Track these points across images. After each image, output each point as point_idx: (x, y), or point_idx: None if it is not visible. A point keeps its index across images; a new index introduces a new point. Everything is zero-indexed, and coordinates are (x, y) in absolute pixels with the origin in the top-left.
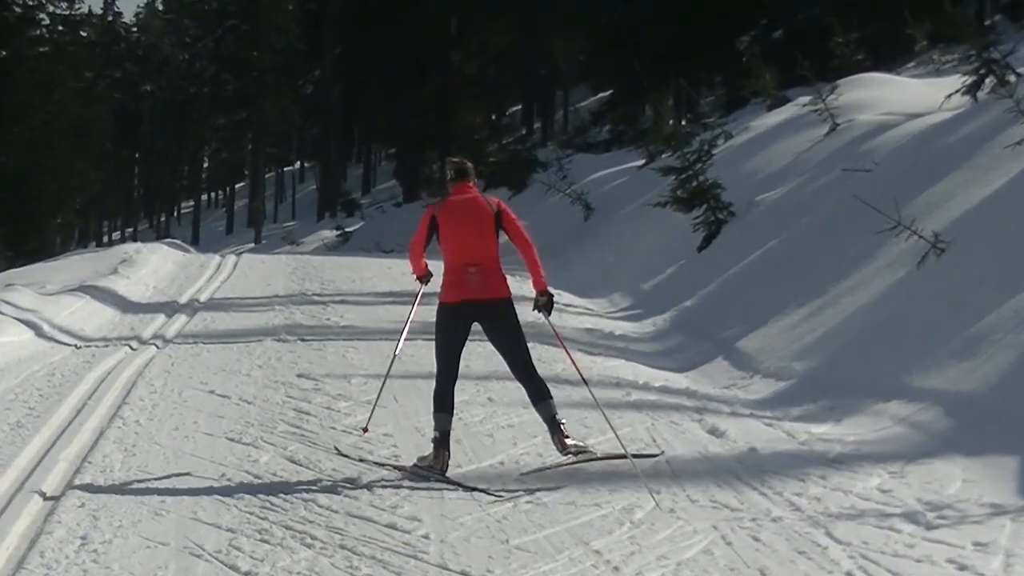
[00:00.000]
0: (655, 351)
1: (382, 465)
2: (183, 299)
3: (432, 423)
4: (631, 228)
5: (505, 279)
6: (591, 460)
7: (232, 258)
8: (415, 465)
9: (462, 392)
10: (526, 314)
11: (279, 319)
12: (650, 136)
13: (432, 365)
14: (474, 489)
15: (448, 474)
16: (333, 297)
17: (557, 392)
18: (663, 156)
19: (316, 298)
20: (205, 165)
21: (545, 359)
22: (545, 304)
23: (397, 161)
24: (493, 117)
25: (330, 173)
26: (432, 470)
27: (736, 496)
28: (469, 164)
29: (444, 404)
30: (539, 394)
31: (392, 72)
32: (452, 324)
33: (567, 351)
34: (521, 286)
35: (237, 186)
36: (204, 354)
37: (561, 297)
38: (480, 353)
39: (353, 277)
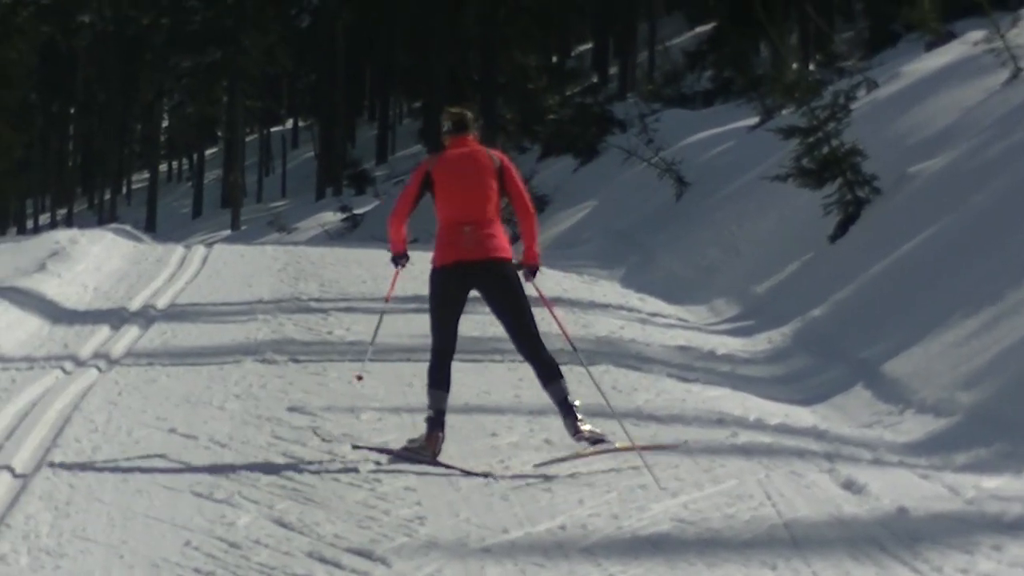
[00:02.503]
0: (771, 377)
1: (360, 448)
2: (134, 305)
3: (426, 401)
4: (739, 210)
5: (506, 239)
6: (606, 451)
7: (201, 250)
8: (405, 448)
9: (511, 432)
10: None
11: (264, 332)
12: (767, 85)
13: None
14: (473, 474)
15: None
16: (336, 303)
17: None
18: (783, 112)
19: (314, 304)
20: (164, 124)
21: (623, 387)
22: (527, 274)
23: (423, 118)
24: (554, 59)
25: (333, 135)
26: (423, 453)
27: (880, 573)
28: (470, 115)
29: (439, 380)
30: (548, 373)
31: None
32: (445, 289)
33: (552, 312)
34: (561, 283)
35: (207, 153)
36: (163, 379)
37: (644, 303)
38: (534, 379)
39: (364, 276)
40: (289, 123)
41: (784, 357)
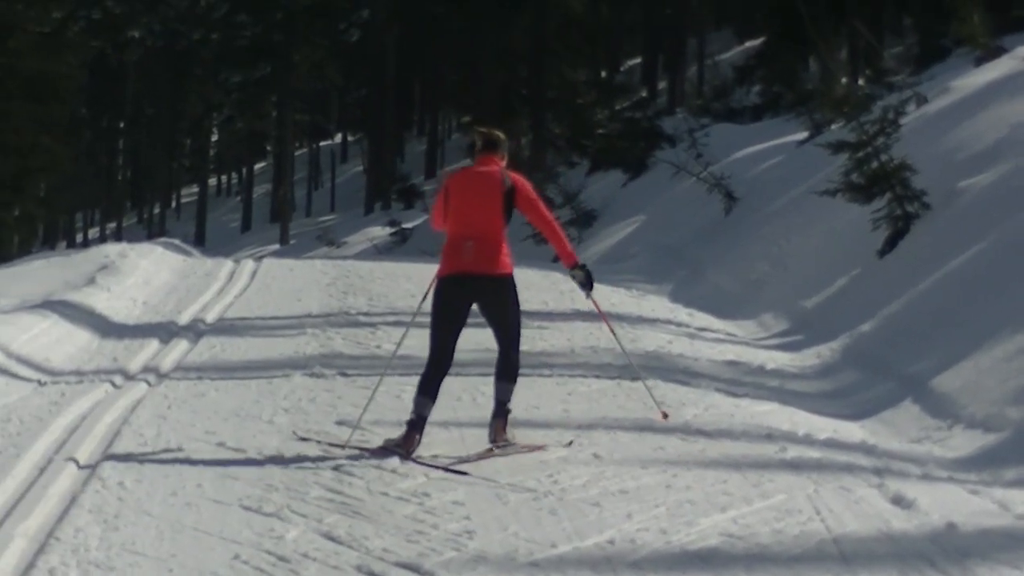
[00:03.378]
0: (820, 392)
1: (345, 446)
2: (183, 319)
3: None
4: (788, 225)
5: (507, 257)
6: (506, 453)
7: (250, 264)
8: (382, 446)
9: (559, 446)
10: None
11: (312, 347)
12: (816, 100)
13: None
14: (449, 470)
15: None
16: (385, 317)
17: None
18: (833, 127)
19: (363, 319)
20: (213, 139)
21: (671, 401)
22: (583, 280)
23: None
24: (603, 74)
25: (382, 150)
26: (397, 450)
27: None
28: (501, 136)
29: (427, 389)
30: (504, 372)
31: (468, 8)
32: (445, 299)
33: (607, 322)
34: (609, 297)
35: (257, 167)
36: (211, 394)
37: (692, 318)
38: (583, 393)
39: (412, 290)
40: (338, 138)
41: (833, 372)
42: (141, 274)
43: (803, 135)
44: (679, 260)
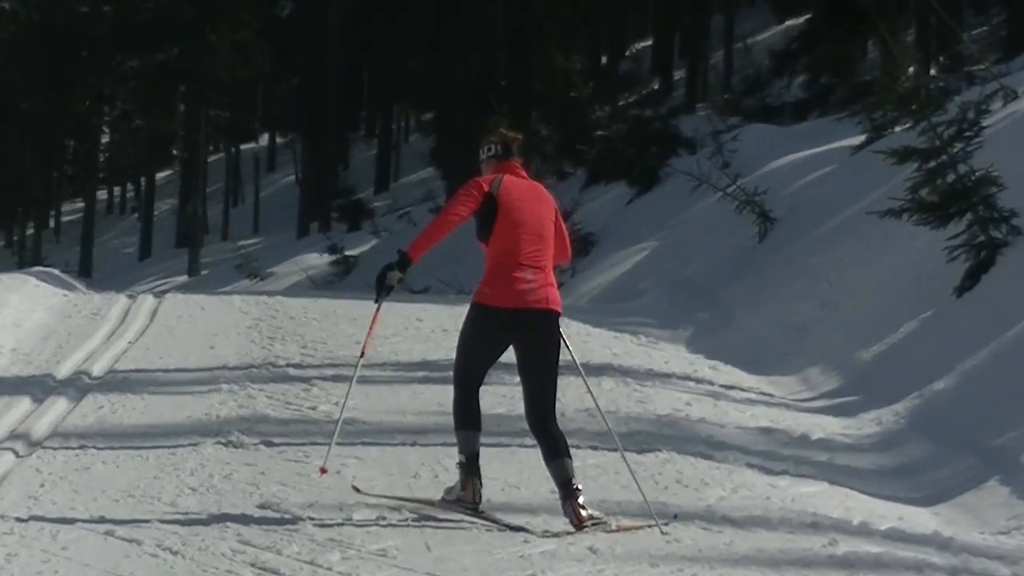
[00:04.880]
0: (881, 468)
1: (404, 500)
2: (63, 371)
3: (456, 446)
4: (840, 255)
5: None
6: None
7: (149, 301)
8: (443, 499)
9: (546, 537)
10: None
11: (229, 407)
12: (875, 95)
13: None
14: (518, 528)
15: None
16: (323, 371)
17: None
18: (896, 130)
19: (294, 372)
20: (104, 141)
21: (689, 480)
22: None
23: (436, 134)
24: (604, 59)
25: (320, 155)
26: (463, 503)
27: None
28: (521, 139)
29: (467, 419)
30: (555, 448)
31: None
32: (489, 331)
33: (581, 371)
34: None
35: (159, 177)
36: (98, 467)
37: (717, 372)
38: (576, 469)
39: (358, 336)
40: (264, 139)
41: (897, 443)
42: (9, 313)
43: (859, 140)
44: (700, 299)
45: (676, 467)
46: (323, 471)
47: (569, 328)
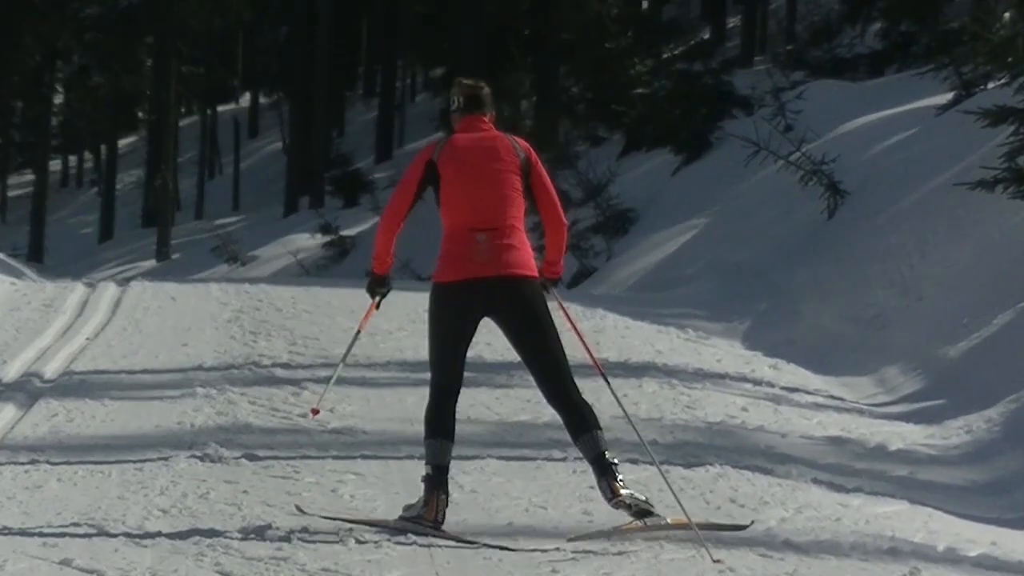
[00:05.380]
0: (971, 484)
1: (354, 522)
2: (10, 373)
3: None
4: (922, 233)
5: (530, 253)
6: (655, 528)
7: (111, 290)
8: (401, 518)
9: (576, 567)
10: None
11: (205, 415)
12: (965, 46)
13: None
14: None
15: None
16: (314, 371)
17: None
18: (990, 86)
19: (280, 372)
20: (57, 102)
21: (746, 499)
22: (549, 282)
23: (447, 94)
24: (645, 3)
25: (311, 119)
26: (423, 522)
27: None
28: (487, 89)
29: (439, 426)
30: (581, 421)
31: None
32: (451, 311)
33: (581, 336)
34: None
35: (122, 145)
36: (51, 486)
37: (778, 372)
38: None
39: (353, 328)
40: (245, 100)
41: (990, 455)
42: None
43: (945, 98)
44: (758, 286)
45: (730, 483)
46: (315, 412)
47: (605, 321)
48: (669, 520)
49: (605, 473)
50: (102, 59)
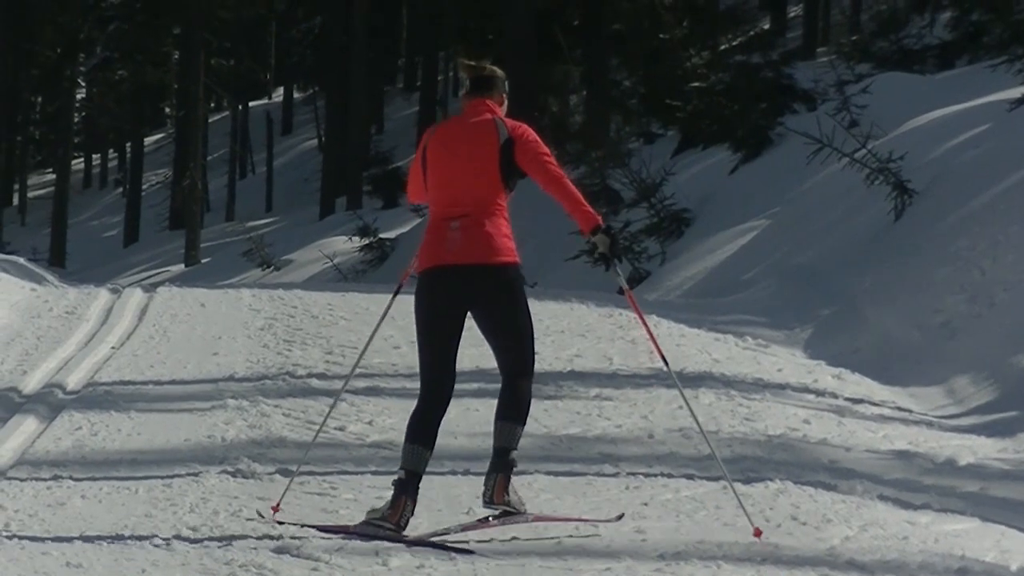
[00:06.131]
0: None
1: (324, 528)
2: (31, 384)
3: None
4: (996, 235)
5: (509, 240)
6: (518, 523)
7: (137, 296)
8: (364, 521)
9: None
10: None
11: (237, 428)
12: None
13: None
14: (448, 548)
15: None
16: (352, 382)
17: None
18: None
19: (316, 383)
20: (79, 97)
21: (808, 516)
22: (609, 247)
23: None
24: None
25: (348, 114)
26: (383, 525)
27: None
28: (498, 72)
29: (419, 432)
30: (513, 410)
31: None
32: (429, 302)
33: (646, 326)
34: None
35: (148, 142)
36: (75, 502)
37: (842, 382)
38: (668, 503)
39: (397, 339)
40: (278, 95)
41: None
42: None
43: (1019, 92)
44: (820, 291)
45: (791, 500)
46: (276, 509)
47: (659, 328)
48: (530, 517)
49: (502, 469)
50: (126, 51)
